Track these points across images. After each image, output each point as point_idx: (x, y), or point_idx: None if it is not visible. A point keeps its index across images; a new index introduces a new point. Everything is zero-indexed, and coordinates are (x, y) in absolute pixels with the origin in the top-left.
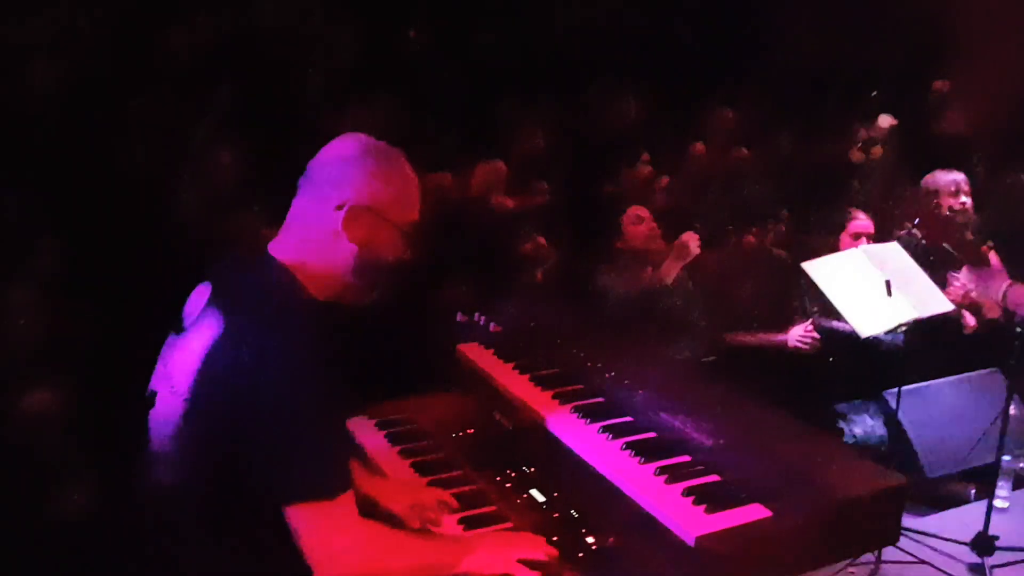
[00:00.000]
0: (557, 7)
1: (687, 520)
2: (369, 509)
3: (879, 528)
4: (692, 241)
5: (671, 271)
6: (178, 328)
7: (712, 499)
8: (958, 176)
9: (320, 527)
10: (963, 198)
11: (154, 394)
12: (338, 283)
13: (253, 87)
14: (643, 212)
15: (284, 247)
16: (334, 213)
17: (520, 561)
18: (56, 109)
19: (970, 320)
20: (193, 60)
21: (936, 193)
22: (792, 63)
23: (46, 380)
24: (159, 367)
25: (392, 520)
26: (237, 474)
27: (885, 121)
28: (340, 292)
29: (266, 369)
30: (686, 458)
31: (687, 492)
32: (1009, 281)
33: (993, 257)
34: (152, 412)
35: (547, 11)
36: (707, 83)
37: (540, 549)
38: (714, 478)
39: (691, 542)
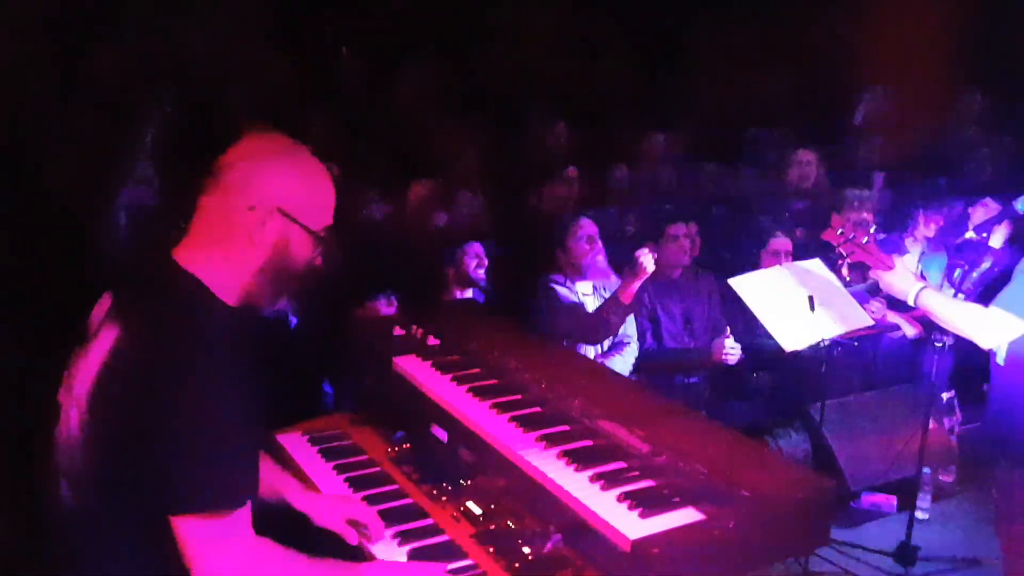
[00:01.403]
0: (494, 36)
1: (623, 524)
2: (302, 524)
3: (810, 530)
4: (647, 258)
5: (628, 290)
6: (82, 340)
7: (647, 503)
8: (863, 193)
9: (208, 543)
10: (865, 214)
11: (59, 407)
12: (246, 287)
13: (185, 108)
14: (591, 227)
15: (190, 252)
16: (245, 214)
17: None
18: None
19: (911, 329)
20: (122, 80)
21: (843, 202)
22: (716, 97)
23: None
24: (64, 379)
25: (306, 538)
26: (135, 486)
27: (805, 155)
28: (248, 296)
29: (162, 378)
30: (621, 464)
31: (623, 497)
32: (919, 285)
33: (897, 260)
34: (57, 427)
35: (484, 38)
36: (634, 111)
37: None
38: (648, 483)
39: (627, 546)
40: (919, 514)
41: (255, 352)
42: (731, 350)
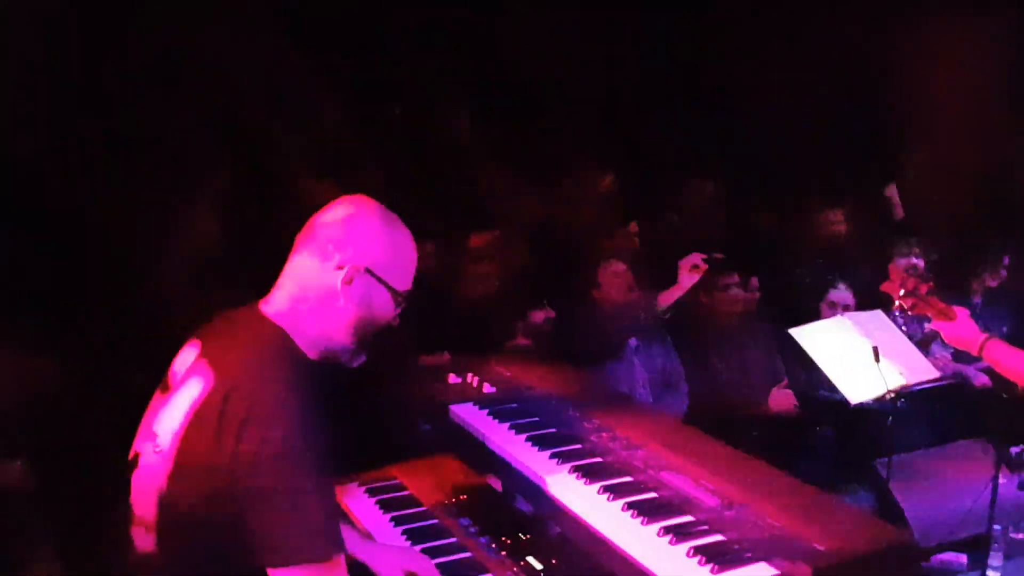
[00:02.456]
0: (542, 88)
1: None
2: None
3: None
4: (696, 261)
5: (668, 294)
6: (164, 387)
7: (719, 558)
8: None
9: None
10: (913, 259)
11: (137, 456)
12: (330, 343)
13: (239, 160)
14: (620, 266)
15: (276, 305)
16: (334, 272)
17: None
18: (43, 173)
19: (979, 380)
20: (181, 133)
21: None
22: (758, 144)
23: (27, 448)
24: (142, 428)
25: None
26: (224, 536)
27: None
28: (330, 352)
29: (259, 428)
30: (689, 517)
31: (693, 552)
32: (984, 336)
33: (960, 312)
34: (135, 475)
35: (532, 89)
36: (678, 160)
37: None
38: (719, 537)
39: None
40: (991, 573)
41: (334, 400)
42: (786, 399)
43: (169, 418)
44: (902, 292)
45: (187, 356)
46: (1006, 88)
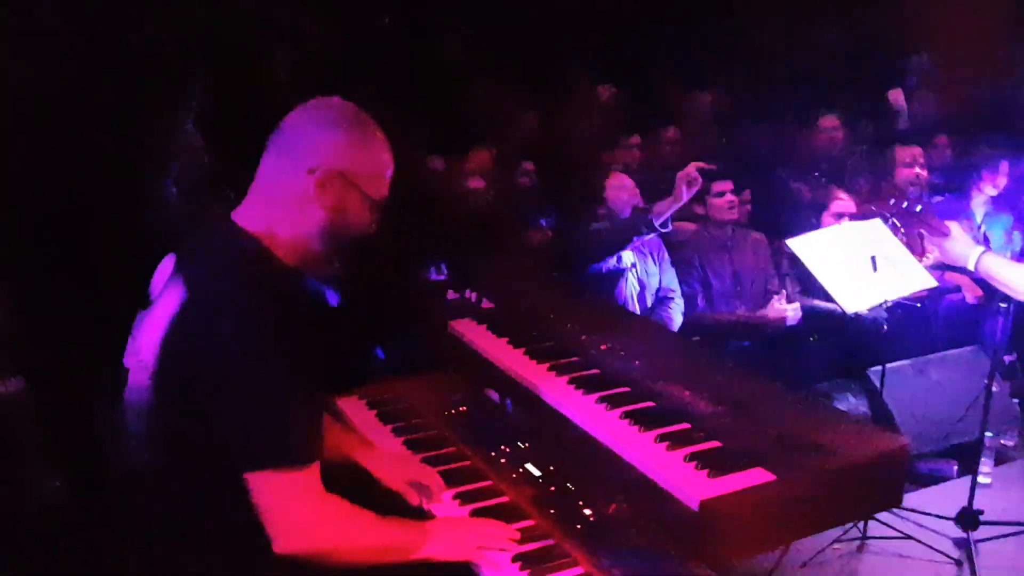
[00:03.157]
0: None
1: (691, 485)
2: (363, 480)
3: (882, 490)
4: (693, 174)
5: (668, 207)
6: (145, 303)
7: (714, 464)
8: (914, 149)
9: (282, 497)
10: (917, 169)
11: (126, 371)
12: (302, 249)
13: (223, 78)
14: (626, 180)
15: (250, 213)
16: (306, 176)
17: (482, 548)
18: (26, 98)
19: (972, 295)
20: (163, 50)
21: (892, 165)
22: (758, 54)
23: (18, 366)
24: (129, 343)
25: (370, 496)
26: (206, 443)
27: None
28: (303, 259)
29: (231, 335)
30: (686, 425)
31: (689, 458)
32: (979, 250)
33: (953, 226)
34: (125, 390)
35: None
36: (677, 72)
37: (502, 536)
38: (715, 444)
39: (695, 506)
40: (981, 478)
41: (312, 315)
42: (788, 310)
43: (149, 333)
44: (894, 209)
45: (164, 271)
46: None
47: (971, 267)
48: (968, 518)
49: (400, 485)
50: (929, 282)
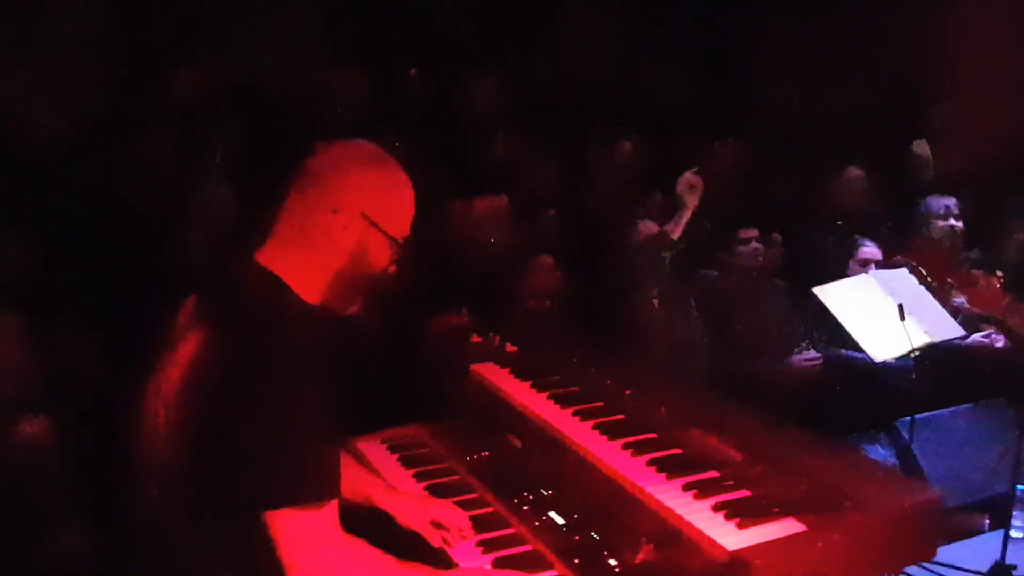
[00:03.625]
0: (551, 54)
1: (720, 534)
2: (384, 525)
3: (915, 543)
4: (692, 180)
5: (680, 223)
6: (168, 344)
7: (744, 513)
8: (948, 200)
9: (302, 535)
10: (952, 221)
11: (146, 413)
12: (323, 288)
13: (252, 126)
14: (653, 227)
15: (272, 253)
16: (329, 216)
17: None
18: (56, 145)
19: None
20: (192, 100)
21: (927, 217)
22: (780, 107)
23: (42, 406)
24: (151, 385)
25: (390, 540)
26: (227, 487)
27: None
28: (325, 298)
29: (252, 375)
30: (714, 474)
31: (718, 507)
32: (1007, 298)
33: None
34: (144, 431)
35: (542, 56)
36: (698, 122)
37: None
38: (745, 493)
39: (725, 557)
40: (1014, 532)
41: (333, 354)
42: (810, 361)
43: (170, 373)
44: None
45: (186, 312)
46: None
47: (1000, 316)
48: (1000, 573)
49: (421, 525)
50: (957, 331)
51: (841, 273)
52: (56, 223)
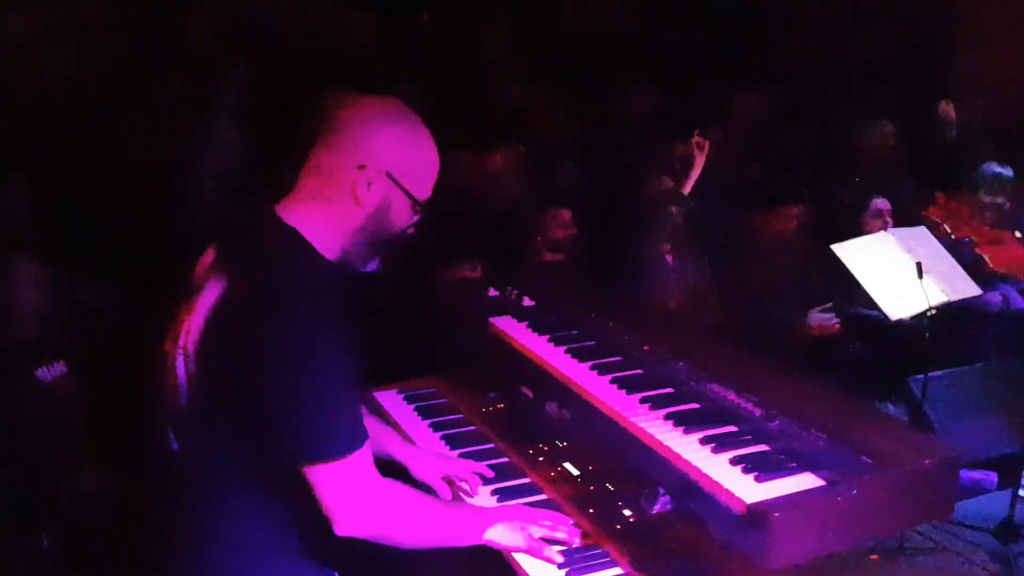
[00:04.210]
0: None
1: (738, 487)
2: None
3: (932, 501)
4: (697, 139)
5: (691, 180)
6: (187, 291)
7: (762, 467)
8: (1006, 172)
9: (342, 484)
10: (1000, 199)
11: (165, 358)
12: (343, 244)
13: (265, 75)
14: (668, 183)
15: (293, 206)
16: (355, 172)
17: (542, 539)
18: (71, 94)
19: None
20: (204, 49)
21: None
22: (805, 57)
23: (62, 352)
24: (170, 331)
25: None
26: (245, 435)
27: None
28: (344, 253)
29: (270, 329)
30: (732, 428)
31: (736, 460)
32: None
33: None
34: (164, 376)
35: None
36: (720, 72)
37: (564, 528)
38: (763, 447)
39: (743, 510)
40: (1022, 491)
41: (352, 309)
42: (827, 319)
43: (191, 321)
44: (945, 217)
45: (206, 261)
46: None
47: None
48: (1008, 531)
49: (434, 480)
50: (974, 290)
51: (858, 227)
52: (72, 170)
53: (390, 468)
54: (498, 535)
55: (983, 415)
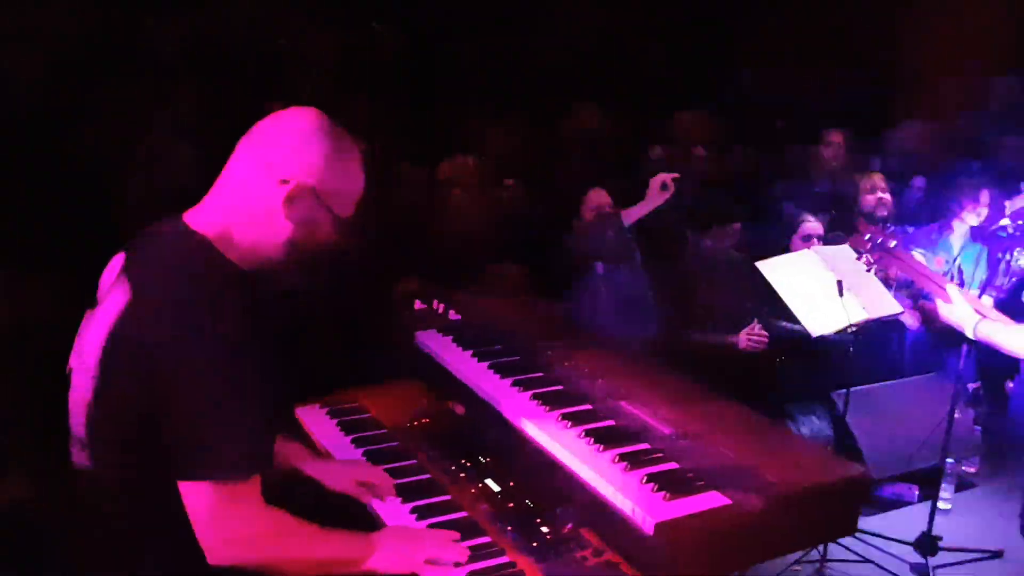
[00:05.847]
0: (524, 22)
1: (647, 506)
2: (313, 492)
3: (837, 518)
4: (666, 180)
5: (637, 212)
6: (93, 303)
7: (671, 486)
8: (875, 176)
9: (217, 509)
10: (880, 194)
11: (70, 371)
12: (261, 257)
13: (221, 83)
14: (604, 196)
15: (206, 215)
16: (276, 187)
17: (427, 561)
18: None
19: (913, 321)
20: (157, 58)
21: (857, 191)
22: (748, 81)
23: None
24: (75, 344)
25: (318, 506)
26: (149, 451)
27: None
28: (261, 267)
29: (173, 340)
30: (645, 445)
31: (647, 479)
32: (976, 318)
33: (953, 292)
34: (70, 391)
35: (516, 22)
36: (667, 95)
37: (449, 549)
38: (672, 465)
39: (651, 529)
40: (941, 504)
41: (272, 321)
42: (757, 338)
43: (92, 335)
44: (869, 246)
45: (112, 270)
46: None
47: (970, 335)
48: (927, 543)
49: (348, 487)
50: (895, 307)
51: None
52: (8, 176)
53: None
54: (384, 560)
55: (904, 429)
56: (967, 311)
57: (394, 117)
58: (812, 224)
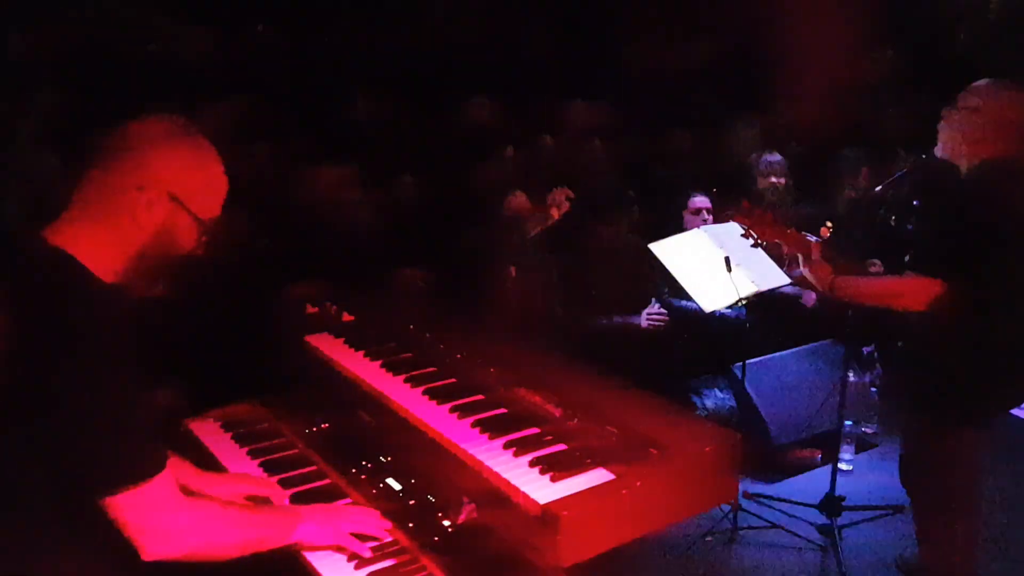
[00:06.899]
0: (407, 15)
1: (534, 489)
2: None
3: (716, 485)
4: (561, 199)
5: (537, 226)
6: None
7: (558, 467)
8: (774, 157)
9: (144, 509)
10: (774, 179)
11: None
12: (125, 268)
13: (94, 87)
14: (524, 201)
15: (66, 230)
16: (134, 194)
17: (352, 534)
18: None
19: (809, 299)
20: (29, 61)
21: (755, 173)
22: (632, 68)
23: None
24: None
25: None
26: (42, 472)
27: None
28: (126, 277)
29: (44, 359)
30: (535, 430)
31: (534, 462)
32: (831, 277)
33: (814, 247)
34: None
35: (399, 17)
36: (557, 84)
37: (372, 522)
38: (560, 447)
39: (538, 511)
40: (843, 465)
41: (149, 332)
42: (656, 318)
43: None
44: (751, 222)
45: None
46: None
47: (828, 292)
48: (831, 504)
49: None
50: (783, 280)
51: (679, 224)
52: None
53: None
54: (309, 532)
55: (802, 396)
56: (825, 269)
57: (281, 118)
58: (700, 198)
